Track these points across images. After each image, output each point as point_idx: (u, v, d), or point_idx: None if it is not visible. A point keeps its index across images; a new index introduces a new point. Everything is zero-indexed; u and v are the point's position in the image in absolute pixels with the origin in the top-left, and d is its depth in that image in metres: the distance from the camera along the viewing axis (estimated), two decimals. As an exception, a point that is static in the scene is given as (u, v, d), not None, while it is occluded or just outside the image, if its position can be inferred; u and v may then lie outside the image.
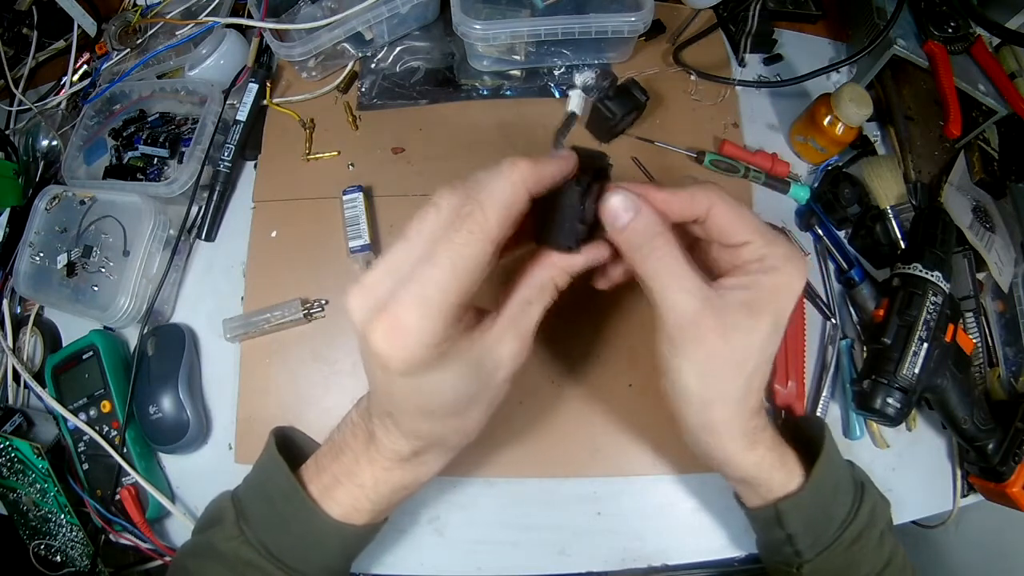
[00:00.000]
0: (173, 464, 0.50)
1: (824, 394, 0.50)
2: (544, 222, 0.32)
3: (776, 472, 0.36)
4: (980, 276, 0.53)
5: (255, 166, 0.56)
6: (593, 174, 0.32)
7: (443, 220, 0.28)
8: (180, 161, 0.54)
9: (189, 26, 0.60)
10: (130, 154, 0.56)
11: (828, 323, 0.52)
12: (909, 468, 0.50)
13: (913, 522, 0.52)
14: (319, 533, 0.35)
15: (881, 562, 0.37)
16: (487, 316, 0.32)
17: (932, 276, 0.46)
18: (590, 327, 0.50)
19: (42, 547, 0.48)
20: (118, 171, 0.56)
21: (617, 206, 0.31)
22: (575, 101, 0.46)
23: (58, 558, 0.48)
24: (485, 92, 0.58)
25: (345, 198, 0.52)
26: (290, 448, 0.38)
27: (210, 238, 0.54)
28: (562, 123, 0.45)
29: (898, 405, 0.45)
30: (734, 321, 0.31)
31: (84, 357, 0.49)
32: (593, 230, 0.32)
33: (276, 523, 0.35)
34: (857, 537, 0.36)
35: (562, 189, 0.31)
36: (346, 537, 0.36)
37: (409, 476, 0.35)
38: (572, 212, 0.31)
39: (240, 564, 0.35)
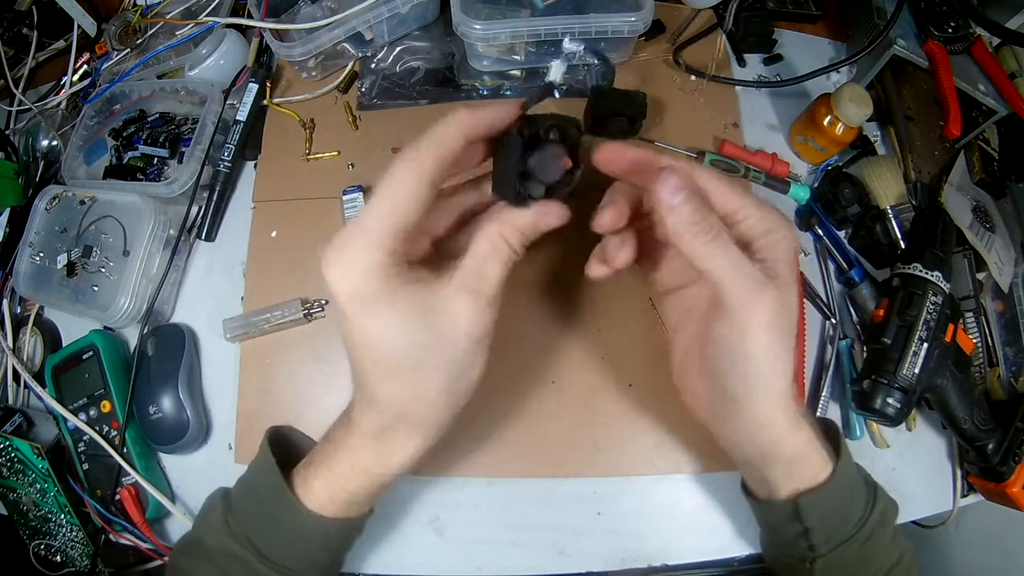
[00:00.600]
0: (173, 464, 0.50)
1: (824, 394, 0.50)
2: (494, 171, 0.33)
3: (814, 456, 0.36)
4: (980, 276, 0.53)
5: (255, 166, 0.56)
6: (557, 135, 0.32)
7: None
8: (180, 161, 0.54)
9: (189, 26, 0.60)
10: (130, 154, 0.56)
11: (828, 323, 0.52)
12: (909, 468, 0.50)
13: (913, 522, 0.52)
14: (301, 527, 0.35)
15: (891, 560, 0.37)
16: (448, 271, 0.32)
17: (932, 276, 0.46)
18: (590, 327, 0.50)
19: (42, 547, 0.48)
20: (118, 171, 0.56)
21: (675, 184, 0.31)
22: (555, 71, 0.44)
23: (58, 558, 0.48)
24: (485, 92, 0.58)
25: (345, 198, 0.52)
26: (286, 447, 0.38)
27: (210, 238, 0.54)
28: (536, 92, 0.40)
29: (898, 405, 0.45)
30: (775, 293, 0.31)
31: (84, 357, 0.49)
32: (553, 191, 0.33)
33: (261, 517, 0.36)
34: (870, 535, 0.36)
35: (505, 139, 0.32)
36: (327, 531, 0.36)
37: (380, 459, 0.34)
38: (511, 162, 0.32)
39: (225, 558, 0.35)
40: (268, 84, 0.57)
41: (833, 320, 0.52)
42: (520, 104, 0.33)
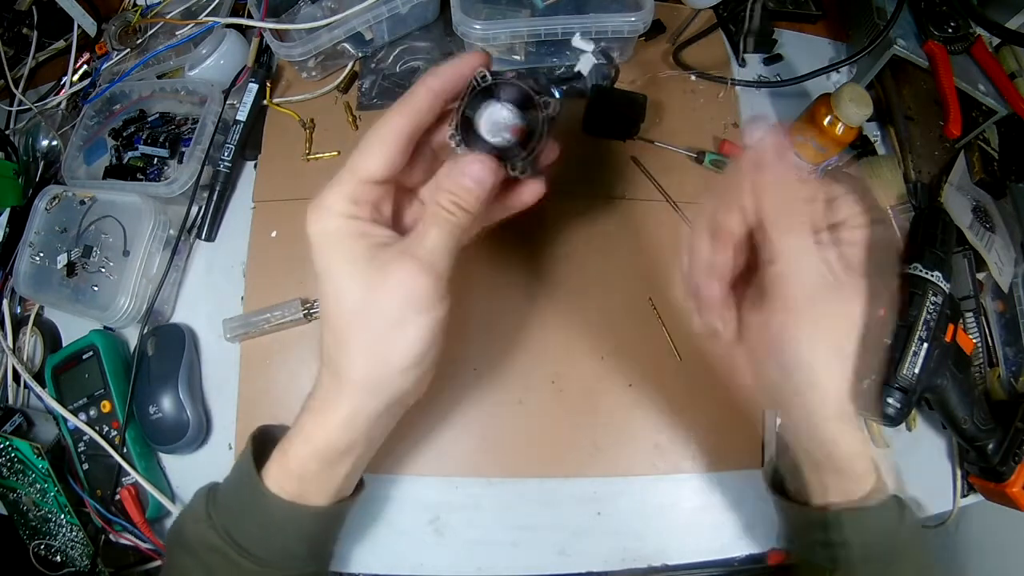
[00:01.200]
0: (173, 464, 0.50)
1: (824, 394, 0.50)
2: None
3: (860, 462, 0.34)
4: (980, 276, 0.54)
5: (255, 166, 0.56)
6: (512, 96, 0.32)
7: None
8: (180, 161, 0.54)
9: (189, 26, 0.60)
10: (130, 154, 0.56)
11: (828, 323, 0.52)
12: (909, 468, 0.50)
13: (913, 522, 0.52)
14: (271, 515, 0.35)
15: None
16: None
17: (932, 276, 0.46)
18: (591, 327, 0.50)
19: (42, 547, 0.48)
20: (118, 171, 0.56)
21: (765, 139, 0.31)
22: (585, 62, 0.41)
23: (58, 558, 0.48)
24: (485, 92, 0.58)
25: (345, 198, 0.52)
26: (273, 441, 0.38)
27: (210, 238, 0.54)
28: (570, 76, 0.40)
29: (898, 405, 0.45)
30: (841, 294, 0.31)
31: (84, 357, 0.49)
32: (506, 159, 0.32)
33: (238, 508, 0.36)
34: (894, 557, 0.35)
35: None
36: (299, 520, 0.35)
37: (316, 420, 0.34)
38: (460, 104, 0.32)
39: (204, 550, 0.35)
40: (268, 84, 0.57)
41: (833, 320, 0.52)
42: (483, 54, 0.33)
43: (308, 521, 0.36)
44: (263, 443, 0.37)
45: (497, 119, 0.32)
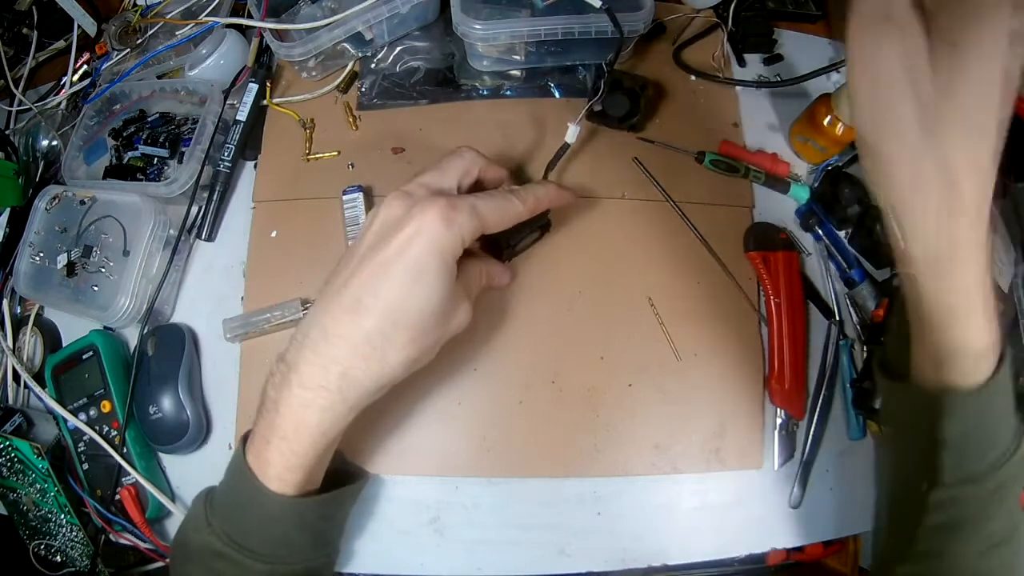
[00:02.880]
0: (173, 464, 0.50)
1: (824, 394, 0.50)
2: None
3: (984, 333, 0.29)
4: (980, 276, 0.53)
5: (255, 166, 0.56)
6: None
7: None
8: (180, 161, 0.54)
9: (189, 26, 0.60)
10: (130, 154, 0.56)
11: (828, 323, 0.52)
12: (909, 468, 0.50)
13: (913, 522, 0.52)
14: (270, 509, 0.35)
15: (1006, 530, 0.32)
16: None
17: (932, 276, 0.46)
18: (591, 326, 0.50)
19: (42, 547, 0.48)
20: (118, 171, 0.56)
21: None
22: (571, 133, 0.49)
23: (58, 558, 0.48)
24: (485, 92, 0.58)
25: (345, 198, 0.52)
26: None
27: (210, 238, 0.54)
28: (555, 153, 0.49)
29: (898, 405, 0.45)
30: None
31: (84, 357, 0.49)
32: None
33: (234, 508, 0.36)
34: (1001, 485, 0.31)
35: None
36: (299, 510, 0.36)
37: (321, 415, 0.34)
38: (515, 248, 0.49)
39: (208, 556, 0.35)
40: (268, 84, 0.57)
41: (833, 320, 0.52)
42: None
43: (309, 511, 0.36)
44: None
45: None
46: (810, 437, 0.49)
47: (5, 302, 0.54)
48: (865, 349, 0.50)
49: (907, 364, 0.34)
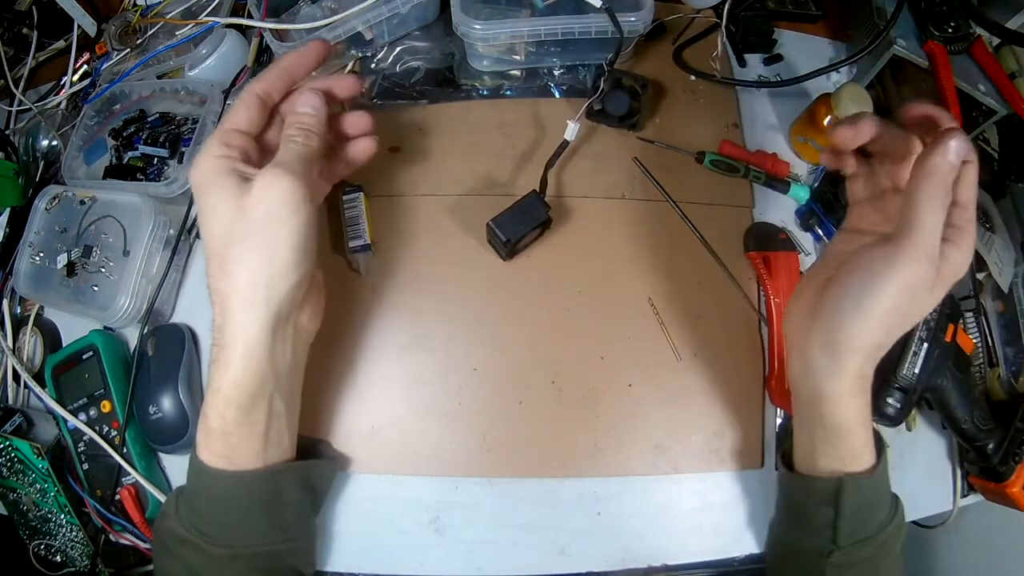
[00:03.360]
0: (173, 464, 0.49)
1: (824, 394, 0.50)
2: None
3: (862, 431, 0.37)
4: (980, 276, 0.54)
5: (255, 166, 0.56)
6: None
7: None
8: (180, 161, 0.54)
9: (189, 26, 0.60)
10: (130, 154, 0.56)
11: (828, 323, 0.52)
12: (909, 468, 0.50)
13: (913, 522, 0.52)
14: (215, 488, 0.36)
15: (897, 573, 0.40)
16: None
17: (932, 276, 0.46)
18: (590, 326, 0.50)
19: (42, 547, 0.48)
20: (118, 171, 0.56)
21: (966, 149, 0.33)
22: (571, 130, 0.50)
23: (58, 558, 0.48)
24: (485, 92, 0.58)
25: (345, 198, 0.52)
26: None
27: (210, 238, 0.54)
28: (555, 151, 0.50)
29: (898, 405, 0.45)
30: (943, 274, 0.34)
31: (84, 357, 0.49)
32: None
33: (191, 493, 0.37)
34: (885, 542, 0.38)
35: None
36: (248, 486, 0.36)
37: (238, 363, 0.35)
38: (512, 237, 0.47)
39: (177, 545, 0.36)
40: (268, 84, 0.57)
41: (833, 320, 0.52)
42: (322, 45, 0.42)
43: (250, 484, 0.36)
44: None
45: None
46: (810, 437, 0.49)
47: (5, 302, 0.54)
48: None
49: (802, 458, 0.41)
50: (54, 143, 0.62)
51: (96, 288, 0.50)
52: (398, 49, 0.59)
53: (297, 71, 0.41)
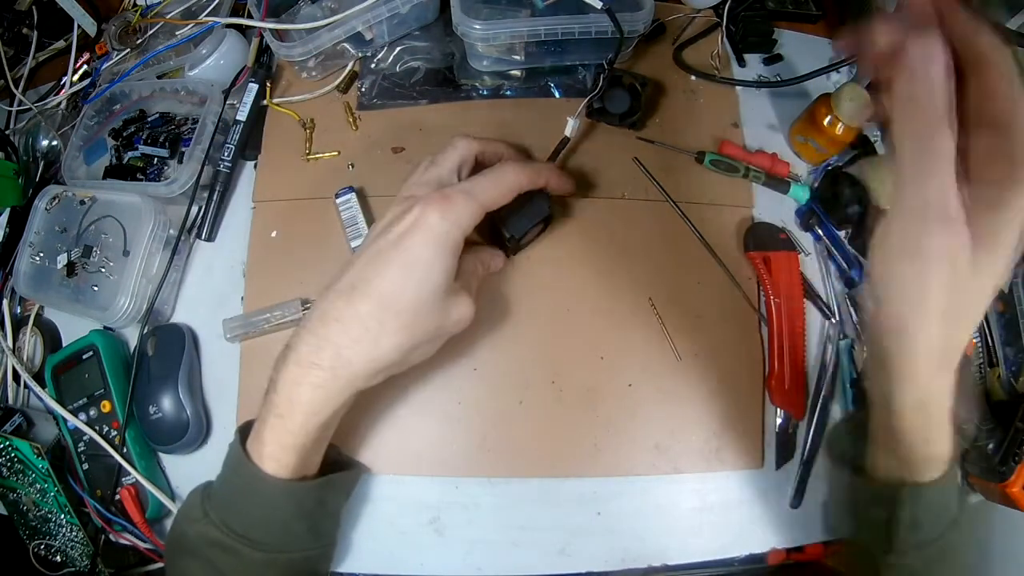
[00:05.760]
0: (173, 464, 0.50)
1: (824, 394, 0.50)
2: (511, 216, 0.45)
3: (948, 449, 0.33)
4: (980, 276, 0.53)
5: (255, 166, 0.56)
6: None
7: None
8: (180, 161, 0.54)
9: (189, 26, 0.60)
10: (130, 154, 0.56)
11: (828, 323, 0.52)
12: (909, 468, 0.50)
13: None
14: (268, 494, 0.36)
15: None
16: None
17: (932, 276, 0.46)
18: (590, 326, 0.50)
19: (42, 547, 0.48)
20: (118, 171, 0.56)
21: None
22: (570, 127, 0.50)
23: (58, 558, 0.48)
24: (485, 92, 0.58)
25: (338, 200, 0.52)
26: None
27: (210, 238, 0.54)
28: (555, 147, 0.51)
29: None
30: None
31: (84, 357, 0.49)
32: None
33: (231, 495, 0.37)
34: (945, 550, 0.35)
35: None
36: (297, 496, 0.36)
37: (313, 392, 0.35)
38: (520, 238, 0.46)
39: (205, 546, 0.35)
40: (268, 84, 0.57)
41: (833, 320, 0.52)
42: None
43: (304, 494, 0.37)
44: (248, 433, 0.38)
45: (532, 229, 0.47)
46: (810, 437, 0.49)
47: (5, 302, 0.54)
48: (865, 349, 0.50)
49: (862, 456, 0.38)
50: (54, 143, 0.62)
51: (96, 288, 0.50)
52: (398, 49, 0.59)
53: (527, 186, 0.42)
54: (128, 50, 0.62)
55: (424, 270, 0.36)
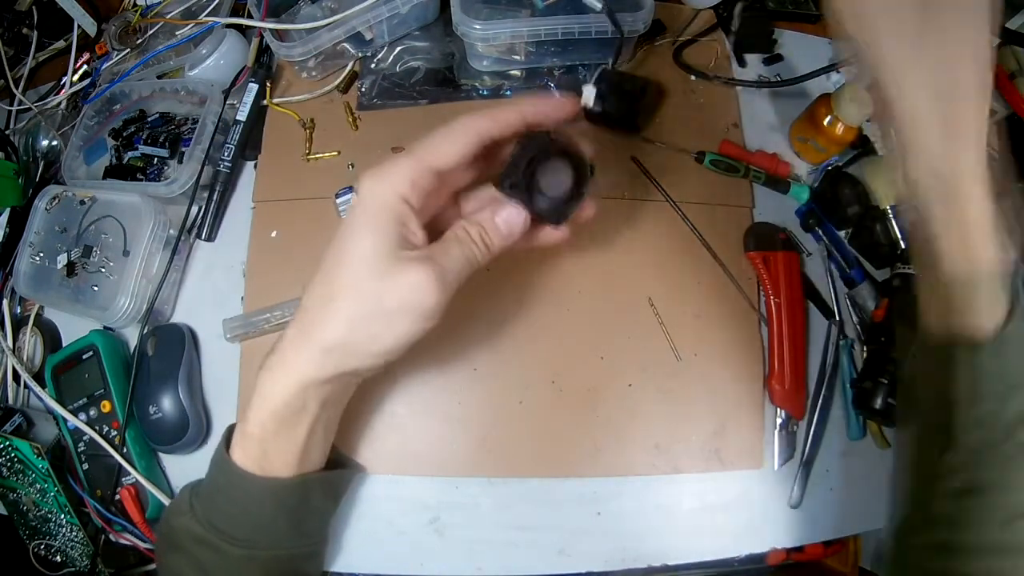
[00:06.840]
0: (173, 464, 0.50)
1: (824, 394, 0.50)
2: (506, 169, 0.35)
3: (995, 258, 0.29)
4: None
5: (255, 166, 0.56)
6: (561, 154, 0.35)
7: None
8: (180, 161, 0.54)
9: (189, 26, 0.60)
10: (130, 154, 0.56)
11: (828, 323, 0.52)
12: (909, 468, 0.50)
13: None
14: (244, 490, 0.35)
15: None
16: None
17: (932, 276, 0.46)
18: (591, 326, 0.50)
19: (42, 547, 0.48)
20: (118, 171, 0.56)
21: None
22: (588, 94, 0.48)
23: (58, 558, 0.48)
24: (485, 92, 0.58)
25: (339, 200, 0.52)
26: None
27: (210, 238, 0.54)
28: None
29: (891, 400, 0.44)
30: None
31: (84, 357, 0.49)
32: (537, 203, 0.35)
33: (214, 492, 0.37)
34: (1022, 449, 0.29)
35: (524, 142, 0.34)
36: (276, 492, 0.36)
37: (273, 384, 0.34)
38: (522, 151, 0.34)
39: (190, 542, 0.35)
40: (268, 84, 0.57)
41: (833, 320, 0.52)
42: (575, 102, 0.36)
43: (280, 491, 0.36)
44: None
45: (558, 179, 0.35)
46: (810, 437, 0.49)
47: (5, 302, 0.54)
48: (865, 349, 0.50)
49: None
50: (54, 143, 0.62)
51: (96, 288, 0.50)
52: (398, 49, 0.59)
53: (537, 122, 0.35)
54: (128, 50, 0.62)
55: (352, 239, 0.32)
